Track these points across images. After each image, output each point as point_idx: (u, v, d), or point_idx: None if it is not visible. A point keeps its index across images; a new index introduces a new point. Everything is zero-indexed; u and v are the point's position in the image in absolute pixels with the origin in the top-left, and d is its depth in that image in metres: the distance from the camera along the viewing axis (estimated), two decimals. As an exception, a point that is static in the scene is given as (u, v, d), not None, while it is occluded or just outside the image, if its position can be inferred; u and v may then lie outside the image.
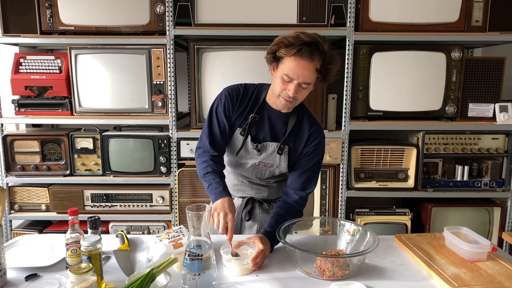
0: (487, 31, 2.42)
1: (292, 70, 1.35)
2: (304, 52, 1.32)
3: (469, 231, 1.44)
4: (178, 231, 1.44)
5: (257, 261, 1.30)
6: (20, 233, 2.58)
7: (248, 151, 1.54)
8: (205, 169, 1.51)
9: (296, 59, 1.34)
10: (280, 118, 1.52)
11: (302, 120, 1.53)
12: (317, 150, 1.52)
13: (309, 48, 1.32)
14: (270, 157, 1.52)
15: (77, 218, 1.27)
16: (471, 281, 1.20)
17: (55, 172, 2.56)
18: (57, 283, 1.20)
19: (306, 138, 1.52)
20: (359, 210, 2.62)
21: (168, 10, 2.39)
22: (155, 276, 1.13)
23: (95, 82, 2.50)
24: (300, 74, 1.35)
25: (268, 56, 1.43)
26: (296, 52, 1.33)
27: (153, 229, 2.60)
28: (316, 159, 1.53)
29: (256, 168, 1.56)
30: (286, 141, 1.51)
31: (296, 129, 1.52)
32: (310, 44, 1.33)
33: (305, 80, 1.37)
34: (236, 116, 1.52)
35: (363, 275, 1.27)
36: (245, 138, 1.51)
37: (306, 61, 1.33)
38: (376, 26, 2.41)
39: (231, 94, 1.52)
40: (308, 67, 1.34)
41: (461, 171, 2.54)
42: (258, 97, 1.53)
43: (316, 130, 1.53)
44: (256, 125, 1.52)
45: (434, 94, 2.50)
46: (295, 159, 1.54)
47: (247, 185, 1.63)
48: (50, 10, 2.41)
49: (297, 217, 1.50)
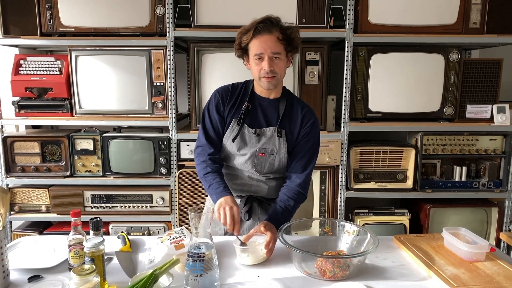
0: (484, 33, 2.44)
1: (257, 48, 1.48)
2: (260, 29, 1.47)
3: (468, 232, 1.46)
4: (179, 232, 1.45)
5: (270, 246, 1.36)
6: (20, 234, 2.58)
7: (246, 140, 1.59)
8: (204, 169, 1.56)
9: (257, 38, 1.48)
10: (271, 105, 1.61)
11: (293, 105, 1.62)
12: (313, 130, 1.61)
13: (264, 24, 1.47)
14: (270, 141, 1.58)
15: (80, 219, 1.28)
16: (469, 281, 1.21)
17: (55, 173, 2.56)
18: (60, 284, 1.21)
19: (300, 120, 1.60)
20: (358, 211, 2.64)
21: (168, 12, 2.41)
22: (158, 277, 1.13)
23: (95, 83, 2.50)
24: (266, 47, 1.47)
25: (236, 51, 1.57)
26: (254, 32, 1.47)
27: (153, 230, 2.60)
28: (314, 139, 1.62)
29: (256, 159, 1.59)
30: (281, 125, 1.59)
31: (288, 114, 1.61)
32: (264, 21, 1.48)
33: (272, 51, 1.47)
34: (229, 109, 1.61)
35: (363, 276, 1.28)
36: (241, 125, 1.58)
37: (265, 35, 1.47)
38: (375, 28, 2.43)
39: (220, 92, 1.64)
40: (269, 39, 1.47)
41: (459, 171, 2.56)
42: (247, 89, 1.63)
43: (308, 111, 1.62)
44: (250, 114, 1.60)
45: (432, 96, 2.52)
46: (293, 143, 1.61)
47: (246, 180, 1.64)
48: (50, 11, 2.42)
49: (301, 201, 1.59)
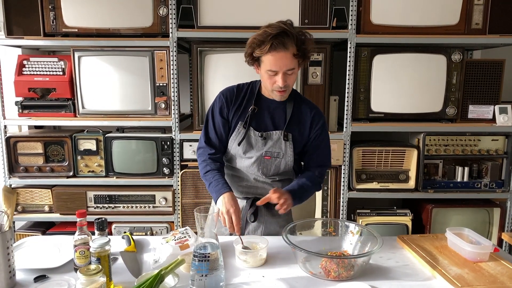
0: (487, 33, 2.44)
1: (273, 65, 1.43)
2: (276, 45, 1.39)
3: (471, 232, 1.46)
4: (184, 233, 1.46)
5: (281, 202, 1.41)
6: (23, 234, 2.58)
7: (252, 143, 1.59)
8: (204, 168, 1.59)
9: (272, 54, 1.41)
10: (278, 107, 1.60)
11: (301, 106, 1.61)
12: (324, 130, 1.63)
13: (280, 39, 1.39)
14: (276, 145, 1.58)
15: (85, 220, 1.29)
16: (474, 281, 1.22)
17: (58, 173, 2.56)
18: (66, 284, 1.21)
19: (310, 122, 1.59)
20: (360, 211, 2.64)
21: (171, 12, 2.41)
22: (164, 277, 1.14)
23: (98, 84, 2.51)
24: (281, 65, 1.43)
25: (247, 59, 1.52)
26: (270, 48, 1.40)
27: (156, 230, 2.61)
28: (326, 137, 1.65)
29: (262, 162, 1.58)
30: (288, 128, 1.57)
31: (296, 116, 1.59)
32: (279, 35, 1.39)
33: (288, 68, 1.44)
34: (234, 112, 1.60)
35: (368, 276, 1.29)
36: (247, 129, 1.57)
37: (281, 52, 1.40)
38: (378, 28, 2.43)
39: (225, 94, 1.62)
40: (285, 56, 1.41)
41: (461, 172, 2.57)
42: (253, 91, 1.61)
43: (317, 113, 1.62)
44: (256, 117, 1.59)
45: (434, 96, 2.52)
46: (302, 145, 1.61)
47: (251, 183, 1.64)
48: (53, 12, 2.43)
49: (316, 188, 1.62)
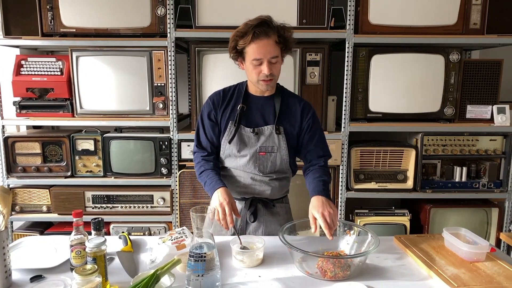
0: (485, 33, 2.44)
1: (257, 53, 1.47)
2: (258, 33, 1.46)
3: (468, 232, 1.46)
4: (181, 233, 1.46)
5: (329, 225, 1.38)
6: (21, 234, 2.58)
7: (245, 141, 1.60)
8: (199, 170, 1.63)
9: (256, 42, 1.46)
10: (266, 102, 1.62)
11: (289, 100, 1.64)
12: (315, 120, 1.65)
13: (261, 28, 1.46)
14: (269, 139, 1.60)
15: (82, 219, 1.28)
16: (470, 281, 1.22)
17: (56, 173, 2.57)
18: (62, 284, 1.21)
19: (300, 113, 1.62)
20: (359, 211, 2.64)
21: (169, 12, 2.41)
22: (159, 277, 1.14)
23: (96, 84, 2.51)
24: (265, 52, 1.47)
25: (231, 54, 1.56)
26: (252, 37, 1.46)
27: (154, 230, 2.61)
28: (319, 126, 1.67)
29: (258, 158, 1.60)
30: (279, 121, 1.60)
31: (286, 109, 1.62)
32: (260, 24, 1.46)
33: (272, 55, 1.48)
34: (222, 113, 1.63)
35: (364, 276, 1.29)
36: (237, 127, 1.59)
37: (264, 39, 1.46)
38: (376, 28, 2.43)
39: (212, 98, 1.66)
40: (268, 43, 1.47)
41: (459, 172, 2.57)
42: (240, 91, 1.64)
43: (305, 104, 1.65)
44: (246, 115, 1.61)
45: (432, 96, 2.53)
46: (295, 137, 1.63)
47: (249, 182, 1.64)
48: (51, 12, 2.42)
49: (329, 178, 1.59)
